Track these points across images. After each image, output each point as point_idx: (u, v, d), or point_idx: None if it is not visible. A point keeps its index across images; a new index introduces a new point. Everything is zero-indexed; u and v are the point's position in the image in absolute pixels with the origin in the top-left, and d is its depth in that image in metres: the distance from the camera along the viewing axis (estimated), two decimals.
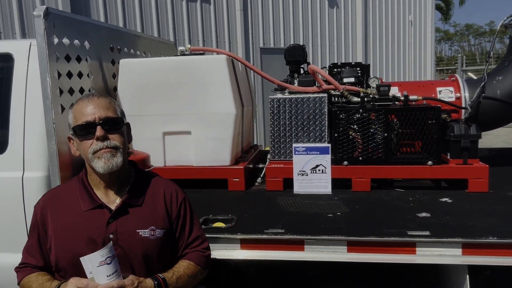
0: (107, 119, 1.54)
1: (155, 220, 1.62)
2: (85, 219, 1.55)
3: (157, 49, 4.09)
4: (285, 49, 3.29)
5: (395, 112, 2.83)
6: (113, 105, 1.62)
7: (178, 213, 1.69)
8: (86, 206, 1.58)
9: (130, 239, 1.55)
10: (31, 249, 1.61)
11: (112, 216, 1.56)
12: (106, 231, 1.54)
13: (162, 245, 1.61)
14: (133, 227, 1.57)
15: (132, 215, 1.59)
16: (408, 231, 2.12)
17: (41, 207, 1.62)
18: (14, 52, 2.63)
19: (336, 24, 11.11)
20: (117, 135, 1.57)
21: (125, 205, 1.59)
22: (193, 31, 8.98)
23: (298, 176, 2.87)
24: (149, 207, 1.63)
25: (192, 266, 1.65)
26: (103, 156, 1.52)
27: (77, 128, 1.55)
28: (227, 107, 2.95)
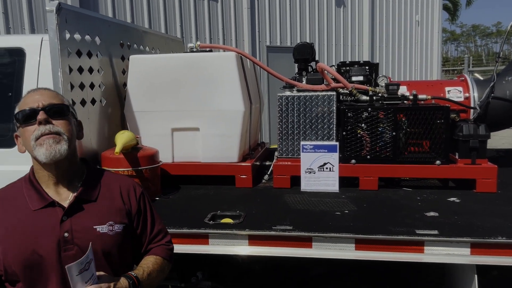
0: (51, 105, 1.44)
1: (113, 215, 1.51)
2: (36, 219, 1.43)
3: (165, 45, 4.11)
4: (294, 47, 3.29)
5: (404, 111, 2.83)
6: (60, 97, 1.53)
7: (138, 208, 1.60)
8: (36, 205, 1.44)
9: (87, 236, 1.43)
10: None
11: (65, 213, 1.44)
12: (60, 230, 1.42)
13: (122, 241, 1.52)
14: (89, 223, 1.46)
15: (87, 211, 1.48)
16: (416, 230, 2.12)
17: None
18: (26, 47, 2.66)
19: (342, 23, 11.09)
20: (62, 122, 1.45)
21: (79, 200, 1.48)
22: (200, 28, 8.99)
23: (306, 173, 2.87)
24: (105, 202, 1.53)
25: (159, 261, 1.60)
26: (45, 142, 1.40)
27: (19, 114, 1.44)
28: (235, 104, 2.96)
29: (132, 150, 2.68)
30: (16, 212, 1.45)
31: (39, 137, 1.40)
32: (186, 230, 2.26)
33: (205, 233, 2.25)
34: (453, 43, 63.32)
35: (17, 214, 1.45)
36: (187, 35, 8.74)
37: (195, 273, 2.82)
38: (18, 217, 1.44)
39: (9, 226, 1.43)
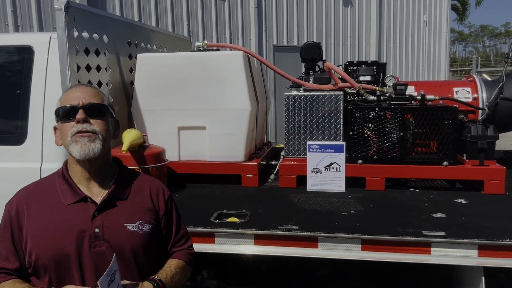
0: (90, 105, 1.48)
1: (143, 215, 1.54)
2: (68, 213, 1.46)
3: (173, 44, 4.12)
4: (301, 47, 3.28)
5: (412, 111, 2.81)
6: (101, 96, 1.56)
7: (165, 210, 1.63)
8: (68, 200, 1.47)
9: (117, 233, 1.47)
10: (4, 252, 1.47)
11: (97, 209, 1.47)
12: (91, 225, 1.45)
13: (150, 241, 1.54)
14: (120, 220, 1.49)
15: (118, 209, 1.51)
16: (423, 231, 2.11)
17: (16, 203, 1.50)
18: (34, 45, 2.67)
19: (350, 22, 11.05)
20: (100, 122, 1.49)
21: (112, 197, 1.50)
22: (207, 27, 9.00)
23: (312, 173, 2.87)
24: (135, 201, 1.56)
25: (181, 265, 1.62)
26: (80, 140, 1.43)
27: (60, 111, 1.49)
28: (242, 103, 2.96)
29: (139, 148, 2.69)
30: (49, 206, 1.48)
31: (75, 134, 1.44)
32: (192, 228, 2.26)
33: (211, 232, 2.26)
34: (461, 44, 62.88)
35: (50, 208, 1.48)
36: (194, 34, 8.75)
37: (201, 271, 2.82)
38: (50, 211, 1.47)
39: (42, 220, 1.46)
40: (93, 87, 1.60)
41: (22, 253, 1.47)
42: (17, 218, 1.48)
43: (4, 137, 2.66)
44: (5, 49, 2.70)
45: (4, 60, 2.70)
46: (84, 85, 1.59)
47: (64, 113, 1.48)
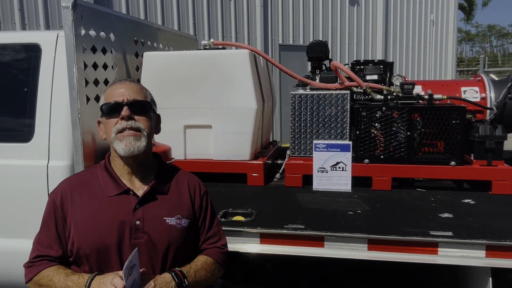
0: (135, 101, 1.52)
1: (181, 209, 1.59)
2: (110, 205, 1.51)
3: (179, 43, 4.11)
4: (308, 45, 3.27)
5: (419, 110, 2.79)
6: (144, 91, 1.60)
7: (200, 205, 1.67)
8: (111, 191, 1.53)
9: (156, 226, 1.51)
10: (47, 240, 1.52)
11: (139, 202, 1.52)
12: (133, 217, 1.50)
13: (187, 235, 1.59)
14: (160, 214, 1.54)
15: (159, 202, 1.55)
16: (430, 231, 2.10)
17: (60, 193, 1.55)
18: (41, 43, 2.67)
19: (356, 22, 11.01)
20: (144, 118, 1.53)
21: (153, 191, 1.55)
22: (213, 26, 9.01)
23: (318, 173, 2.86)
24: (175, 196, 1.61)
25: (209, 262, 1.63)
26: (125, 138, 1.48)
27: (105, 106, 1.53)
28: (248, 102, 2.95)
29: None
30: (92, 197, 1.53)
31: (120, 131, 1.48)
32: None
33: None
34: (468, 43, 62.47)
35: (93, 199, 1.53)
36: (200, 33, 8.76)
37: None
38: (93, 202, 1.52)
39: (85, 210, 1.51)
40: (136, 83, 1.62)
41: (65, 241, 1.52)
42: (62, 208, 1.53)
43: (11, 134, 2.67)
44: (13, 47, 2.71)
45: (12, 57, 2.71)
46: (128, 80, 1.61)
47: (109, 109, 1.52)
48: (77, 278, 1.43)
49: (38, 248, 1.53)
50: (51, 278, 1.45)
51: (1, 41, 2.78)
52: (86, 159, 2.39)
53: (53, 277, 1.45)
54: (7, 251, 2.68)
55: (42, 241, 1.53)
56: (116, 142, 1.49)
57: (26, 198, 2.62)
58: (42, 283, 1.46)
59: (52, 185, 2.55)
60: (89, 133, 2.50)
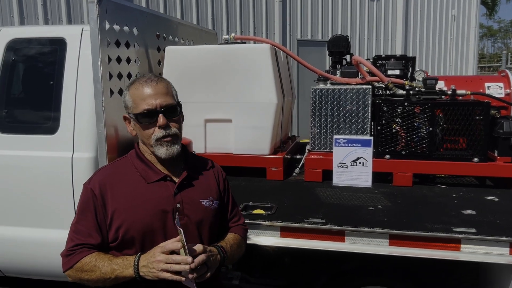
0: (167, 107, 1.58)
1: (212, 192, 1.72)
2: (151, 191, 1.60)
3: (199, 38, 4.14)
4: (329, 40, 3.26)
5: (442, 106, 2.76)
6: (170, 90, 1.65)
7: (224, 187, 1.80)
8: (150, 178, 1.62)
9: (195, 208, 1.63)
10: (86, 230, 1.57)
11: (177, 187, 1.62)
12: (174, 201, 1.60)
13: (217, 215, 1.72)
14: (196, 197, 1.66)
15: (194, 187, 1.67)
16: (452, 227, 2.08)
17: (98, 182, 1.61)
18: (67, 37, 2.73)
19: (375, 17, 10.88)
20: (176, 123, 1.63)
21: (188, 177, 1.66)
22: (232, 21, 9.01)
23: (338, 168, 2.85)
24: (205, 180, 1.73)
25: (238, 238, 1.78)
26: (165, 144, 1.58)
27: (139, 115, 1.58)
28: (268, 97, 2.96)
29: None
30: (132, 185, 1.61)
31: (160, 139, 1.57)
32: None
33: None
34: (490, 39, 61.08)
35: (133, 186, 1.61)
36: (218, 28, 8.78)
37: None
38: (134, 189, 1.60)
39: (127, 198, 1.58)
40: (162, 80, 1.65)
41: (106, 229, 1.59)
42: (101, 196, 1.59)
43: (37, 126, 2.74)
44: (39, 40, 2.77)
45: (38, 51, 2.77)
46: (154, 80, 1.62)
47: (143, 118, 1.58)
48: (122, 261, 1.51)
49: (76, 237, 1.58)
50: (95, 263, 1.51)
51: (28, 35, 2.84)
52: (109, 152, 2.43)
53: (96, 262, 1.51)
54: (33, 241, 2.76)
55: (80, 230, 1.58)
56: (157, 147, 1.58)
57: (51, 189, 2.69)
58: (86, 269, 1.51)
59: (76, 176, 2.62)
60: (113, 126, 2.54)
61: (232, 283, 2.90)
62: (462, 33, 12.61)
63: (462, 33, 12.62)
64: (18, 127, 2.78)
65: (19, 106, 2.87)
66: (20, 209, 2.76)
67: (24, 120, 2.81)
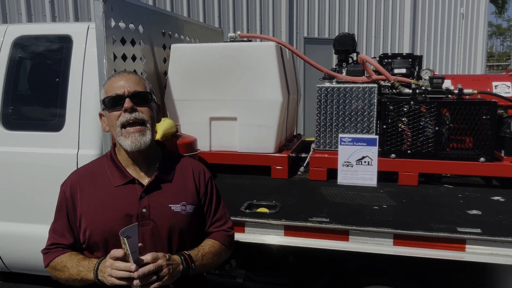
0: (136, 93, 1.54)
1: (186, 196, 1.62)
2: (117, 194, 1.56)
3: (205, 35, 4.14)
4: (335, 38, 3.24)
5: (448, 105, 2.74)
6: (143, 82, 1.61)
7: (205, 191, 1.70)
8: (117, 181, 1.57)
9: (162, 213, 1.56)
10: (60, 229, 1.59)
11: (144, 190, 1.56)
12: (139, 205, 1.54)
13: (192, 221, 1.63)
14: (165, 201, 1.58)
15: (163, 190, 1.59)
16: (458, 228, 2.06)
17: (70, 184, 1.60)
18: (73, 34, 2.74)
19: (383, 15, 10.81)
20: (146, 109, 1.56)
21: (157, 180, 1.59)
22: (238, 19, 9.00)
23: (343, 167, 2.84)
24: (179, 183, 1.64)
25: (216, 245, 1.67)
26: (130, 135, 1.52)
27: (106, 100, 1.55)
28: (274, 95, 2.95)
29: (172, 137, 2.73)
30: (99, 187, 1.58)
31: (125, 125, 1.52)
32: None
33: (242, 221, 2.28)
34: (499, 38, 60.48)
35: (100, 189, 1.58)
36: (225, 26, 8.77)
37: (229, 260, 2.85)
38: (101, 192, 1.57)
39: (94, 200, 1.56)
40: (135, 74, 1.64)
41: (77, 230, 1.58)
42: (72, 199, 1.58)
43: (43, 123, 2.75)
44: (45, 38, 2.79)
45: (45, 48, 2.79)
46: (126, 72, 1.63)
47: (111, 101, 1.54)
48: (87, 263, 1.50)
49: (53, 236, 1.61)
50: (65, 264, 1.53)
51: (34, 32, 2.86)
52: None
53: (66, 263, 1.53)
54: (39, 237, 2.77)
55: (56, 229, 1.61)
56: (122, 138, 1.53)
57: (56, 186, 2.69)
58: (57, 268, 1.55)
59: None
60: None
61: (236, 281, 2.90)
62: (470, 32, 12.49)
63: (471, 31, 12.50)
64: (24, 124, 2.80)
65: (25, 103, 2.89)
66: (25, 206, 2.78)
67: (30, 117, 2.83)
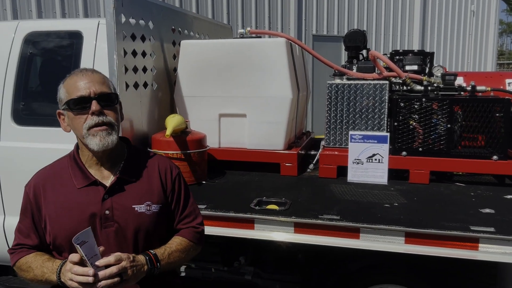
0: (102, 94, 1.49)
1: (151, 196, 1.59)
2: (80, 196, 1.52)
3: (214, 32, 4.13)
4: (345, 34, 3.22)
5: (461, 102, 2.70)
6: (107, 81, 1.56)
7: (172, 188, 1.67)
8: (80, 183, 1.54)
9: (126, 215, 1.53)
10: (25, 230, 1.57)
11: (107, 192, 1.53)
12: (102, 207, 1.52)
13: (158, 220, 1.60)
14: (128, 202, 1.55)
15: (127, 191, 1.56)
16: (470, 226, 2.03)
17: (33, 186, 1.58)
18: (83, 30, 2.74)
19: (392, 12, 10.72)
20: (112, 112, 1.52)
21: (120, 181, 1.56)
22: (247, 15, 8.98)
23: (353, 164, 2.81)
24: (144, 182, 1.60)
25: (184, 243, 1.65)
26: (98, 134, 1.48)
27: (71, 102, 1.48)
28: (283, 91, 2.93)
29: (182, 133, 2.72)
30: (63, 189, 1.55)
31: (92, 127, 1.47)
32: (232, 214, 2.28)
33: (251, 218, 2.27)
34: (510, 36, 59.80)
35: (63, 190, 1.55)
36: (234, 22, 8.75)
37: (238, 257, 2.85)
38: (64, 194, 1.54)
39: (57, 202, 1.54)
40: (98, 72, 1.57)
41: (42, 231, 1.57)
42: (35, 200, 1.56)
43: (54, 119, 2.75)
44: (56, 33, 2.79)
45: (56, 44, 2.80)
46: (89, 70, 1.55)
47: (76, 103, 1.48)
48: (51, 265, 1.48)
49: (18, 236, 1.59)
50: (30, 264, 1.52)
51: (45, 28, 2.87)
52: None
53: (31, 263, 1.52)
54: None
55: (21, 230, 1.59)
56: (89, 138, 1.48)
57: None
58: (23, 268, 1.54)
59: None
60: (128, 120, 2.55)
61: (244, 278, 2.90)
62: (481, 29, 12.36)
63: (481, 29, 12.37)
64: (35, 119, 2.81)
65: (36, 99, 2.90)
66: None
67: (41, 112, 2.84)
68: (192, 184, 2.71)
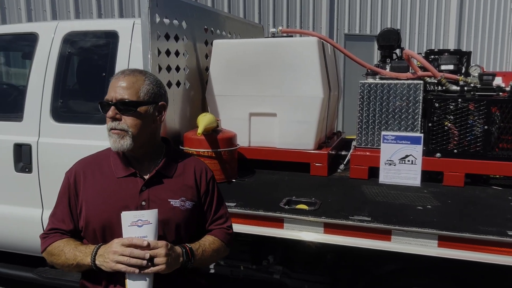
0: (121, 102, 1.54)
1: (186, 192, 1.65)
2: (119, 186, 1.59)
3: (246, 31, 4.15)
4: (379, 33, 3.17)
5: (499, 103, 2.61)
6: (136, 86, 1.57)
7: (206, 189, 1.72)
8: (120, 173, 1.61)
9: (161, 207, 1.56)
10: (61, 215, 1.63)
11: (145, 184, 1.59)
12: (139, 198, 1.58)
13: (191, 216, 1.65)
14: (165, 196, 1.61)
15: (164, 185, 1.62)
16: (508, 231, 1.97)
17: (74, 171, 1.65)
18: (119, 30, 2.81)
19: (427, 10, 10.45)
20: (130, 118, 1.55)
21: (158, 174, 1.62)
22: (278, 14, 8.97)
23: (385, 165, 2.77)
24: (180, 179, 1.67)
25: (217, 242, 1.70)
26: (112, 136, 1.56)
27: (100, 103, 1.59)
28: (314, 91, 2.92)
29: (213, 132, 2.76)
30: (102, 177, 1.62)
31: (109, 129, 1.57)
32: (262, 212, 2.29)
33: (281, 217, 2.27)
34: None
35: (103, 179, 1.62)
36: (265, 22, 8.76)
37: (267, 256, 2.85)
38: (103, 182, 1.61)
39: (95, 189, 1.60)
40: (133, 75, 1.59)
41: (77, 217, 1.63)
42: (75, 186, 1.63)
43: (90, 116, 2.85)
44: (93, 33, 2.88)
45: (92, 43, 2.88)
46: (125, 73, 1.60)
47: (101, 106, 1.58)
48: (85, 249, 1.53)
49: (52, 221, 1.65)
50: (62, 248, 1.57)
51: (83, 28, 2.96)
52: None
53: (63, 247, 1.56)
54: None
55: (57, 215, 1.65)
56: (109, 137, 1.57)
57: None
58: (54, 252, 1.58)
59: None
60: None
61: (273, 277, 2.90)
62: None
63: None
64: (72, 116, 2.91)
65: (73, 96, 3.00)
66: None
67: (78, 110, 2.93)
68: (222, 182, 2.74)
